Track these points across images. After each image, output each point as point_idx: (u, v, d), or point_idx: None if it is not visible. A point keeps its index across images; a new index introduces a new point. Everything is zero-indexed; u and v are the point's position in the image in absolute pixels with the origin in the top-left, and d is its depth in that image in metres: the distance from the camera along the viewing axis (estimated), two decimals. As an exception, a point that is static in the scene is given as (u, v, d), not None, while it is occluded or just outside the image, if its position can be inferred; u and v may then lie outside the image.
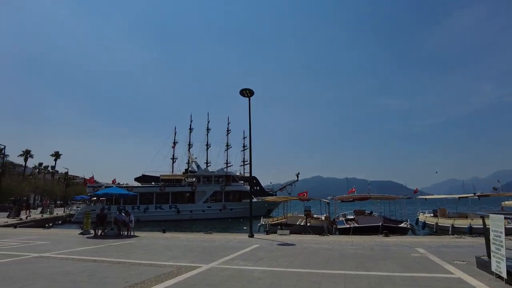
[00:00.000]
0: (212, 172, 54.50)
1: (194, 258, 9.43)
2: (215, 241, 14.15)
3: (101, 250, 11.24)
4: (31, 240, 14.26)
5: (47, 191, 71.70)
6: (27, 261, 8.85)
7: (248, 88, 16.54)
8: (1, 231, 19.78)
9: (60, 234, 17.57)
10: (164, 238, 15.55)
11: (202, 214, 48.48)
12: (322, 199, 27.21)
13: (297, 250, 11.13)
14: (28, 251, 10.81)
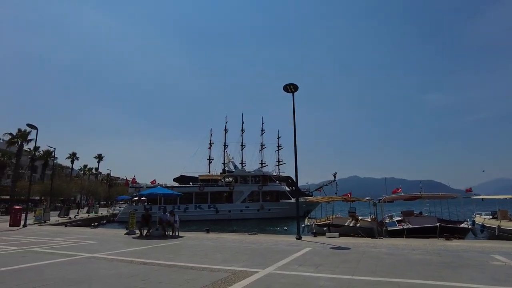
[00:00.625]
0: (249, 172, 54.16)
1: (247, 262, 8.82)
2: (262, 243, 13.51)
3: (150, 251, 10.96)
4: (81, 240, 14.40)
5: (91, 191, 74.95)
6: (79, 262, 8.67)
7: (292, 83, 15.76)
8: (54, 229, 20.47)
9: (107, 234, 17.76)
10: (209, 238, 15.17)
11: (240, 214, 48.28)
12: (370, 199, 25.80)
13: (355, 255, 10.20)
14: (79, 250, 10.75)
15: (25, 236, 15.78)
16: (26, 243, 12.83)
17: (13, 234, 16.97)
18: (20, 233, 17.84)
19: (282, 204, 50.74)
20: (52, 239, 14.65)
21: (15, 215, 22.69)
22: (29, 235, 16.33)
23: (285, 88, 15.97)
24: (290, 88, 15.88)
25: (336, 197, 26.97)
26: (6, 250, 10.85)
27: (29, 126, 23.28)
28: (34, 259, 9.08)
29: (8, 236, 15.86)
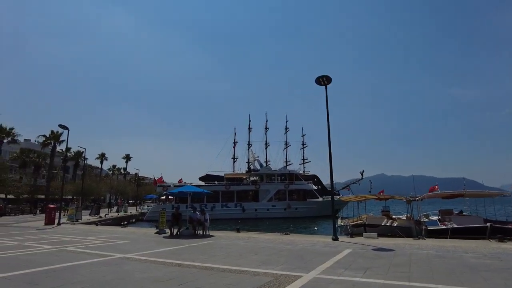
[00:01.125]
0: (275, 170, 53.54)
1: (287, 265, 8.23)
2: (297, 243, 12.87)
3: (182, 251, 10.59)
4: (112, 239, 14.30)
5: (120, 191, 76.74)
6: (113, 263, 8.38)
7: (325, 75, 14.99)
8: (86, 228, 20.68)
9: (137, 233, 17.68)
10: (241, 238, 14.69)
11: (267, 213, 47.78)
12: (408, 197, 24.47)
13: (402, 257, 9.38)
14: (111, 250, 10.54)
15: (59, 235, 15.92)
16: (61, 242, 12.82)
17: (48, 232, 17.21)
18: (55, 231, 18.09)
19: (310, 203, 49.80)
20: (84, 238, 14.65)
21: (49, 214, 23.21)
22: (63, 234, 16.48)
23: (317, 81, 15.23)
24: (322, 81, 15.13)
25: (370, 195, 25.86)
26: (42, 249, 10.80)
27: (61, 126, 23.73)
28: (69, 258, 8.89)
29: (44, 234, 16.06)
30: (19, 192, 46.75)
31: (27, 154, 56.49)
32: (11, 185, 40.78)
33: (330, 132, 15.17)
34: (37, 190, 51.02)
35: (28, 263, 8.20)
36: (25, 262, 8.27)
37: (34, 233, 16.96)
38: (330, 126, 15.23)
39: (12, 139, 50.42)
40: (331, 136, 15.13)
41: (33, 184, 50.45)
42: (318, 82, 15.28)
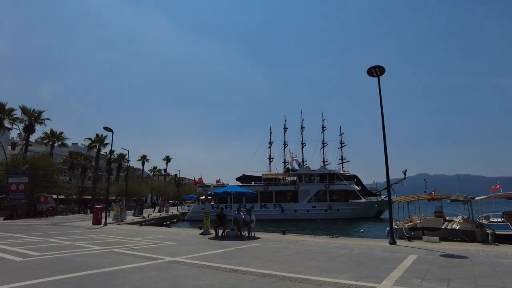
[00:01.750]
0: (314, 170, 52.13)
1: (352, 273, 7.35)
2: (352, 247, 11.88)
3: (232, 255, 10.01)
4: (159, 240, 14.08)
5: (161, 191, 78.70)
6: (163, 267, 7.94)
7: (378, 66, 13.84)
8: (131, 228, 20.91)
9: (182, 234, 17.45)
10: (289, 241, 13.91)
11: (307, 214, 46.54)
12: (468, 197, 22.43)
13: (482, 267, 8.15)
14: (159, 253, 10.18)
15: (107, 235, 16.02)
16: (109, 243, 12.76)
17: (96, 233, 17.45)
18: (102, 231, 18.34)
19: (352, 204, 47.92)
20: (131, 238, 14.57)
21: (96, 214, 23.79)
22: (110, 234, 16.60)
23: (369, 72, 14.10)
24: (375, 71, 13.97)
25: (424, 195, 24.02)
26: (92, 250, 10.70)
27: (106, 129, 24.25)
28: (118, 261, 8.60)
29: (93, 234, 16.26)
30: (68, 193, 49.16)
31: (75, 157, 59.45)
32: (61, 186, 42.86)
33: (383, 128, 13.98)
34: (84, 191, 53.45)
35: (79, 265, 7.97)
36: (77, 264, 8.05)
37: (83, 233, 17.26)
38: (383, 119, 14.04)
39: (62, 143, 53.13)
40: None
41: (81, 185, 52.92)
42: (370, 73, 14.15)
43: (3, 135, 48.54)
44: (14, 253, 9.69)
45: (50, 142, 51.42)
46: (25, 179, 30.63)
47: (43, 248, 11.06)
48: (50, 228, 20.19)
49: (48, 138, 50.80)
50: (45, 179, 35.31)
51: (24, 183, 30.45)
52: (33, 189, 33.63)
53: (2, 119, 39.37)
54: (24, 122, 41.86)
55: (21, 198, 30.58)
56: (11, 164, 35.78)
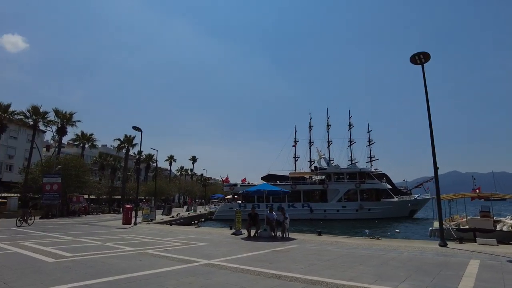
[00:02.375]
0: (344, 168, 50.63)
1: (413, 281, 6.41)
2: (399, 250, 10.85)
3: (271, 258, 9.27)
4: (191, 240, 13.57)
5: (188, 191, 79.32)
6: (200, 271, 7.31)
7: (422, 52, 12.68)
8: (161, 228, 20.63)
9: (213, 234, 16.91)
10: (328, 242, 13.02)
11: (336, 214, 45.17)
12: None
13: None
14: (194, 255, 9.60)
15: (138, 235, 15.73)
16: (141, 243, 12.37)
17: (127, 232, 17.24)
18: (133, 231, 18.14)
19: (384, 204, 46.10)
20: (162, 239, 14.16)
21: (126, 214, 23.78)
22: (141, 234, 16.31)
23: (412, 59, 12.96)
24: (419, 59, 12.83)
25: (470, 193, 22.36)
26: (124, 251, 10.28)
27: (135, 128, 24.21)
28: (150, 264, 8.06)
29: (124, 234, 16.03)
30: (99, 193, 50.23)
31: (104, 158, 60.85)
32: (92, 186, 43.77)
33: (429, 120, 12.80)
34: (114, 191, 54.49)
35: (111, 268, 7.48)
36: (109, 267, 7.57)
37: (114, 233, 17.08)
38: (430, 112, 12.86)
39: (92, 144, 54.45)
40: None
41: (111, 186, 53.99)
42: (413, 60, 13.01)
43: (38, 137, 50.38)
44: (46, 254, 9.40)
45: (81, 144, 52.82)
46: (58, 179, 31.31)
47: (75, 248, 10.77)
48: (82, 228, 20.27)
49: (79, 139, 52.18)
50: (77, 179, 36.07)
51: (58, 183, 31.12)
52: (65, 189, 34.39)
53: (37, 121, 40.71)
54: (57, 124, 43.12)
55: (55, 198, 31.28)
56: (46, 165, 36.80)
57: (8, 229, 18.28)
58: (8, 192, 43.85)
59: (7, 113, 36.61)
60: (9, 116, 36.96)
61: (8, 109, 36.70)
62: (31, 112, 40.01)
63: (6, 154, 52.36)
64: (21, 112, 39.01)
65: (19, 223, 20.91)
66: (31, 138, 41.52)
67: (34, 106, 40.08)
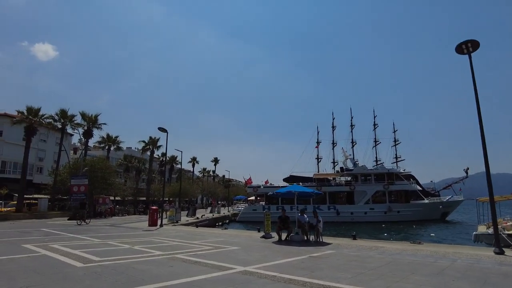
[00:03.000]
0: (371, 169, 49.02)
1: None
2: (450, 257, 9.84)
3: (310, 265, 8.53)
4: (220, 244, 12.99)
5: (211, 192, 79.41)
6: (238, 280, 6.68)
7: (470, 40, 11.58)
8: (188, 230, 20.26)
9: (242, 237, 16.28)
10: (366, 247, 12.11)
11: (364, 217, 43.64)
12: None
13: None
14: (227, 260, 9.00)
15: (165, 238, 15.33)
16: (170, 247, 11.91)
17: (154, 235, 16.91)
18: (159, 233, 17.81)
19: (414, 206, 44.19)
20: (191, 242, 13.66)
21: (152, 215, 23.58)
22: (168, 237, 15.91)
23: (458, 49, 11.88)
24: (466, 47, 11.72)
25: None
26: (153, 255, 9.81)
27: (160, 129, 24.03)
28: (183, 271, 7.51)
29: (151, 237, 15.68)
30: (124, 194, 50.85)
31: (129, 160, 61.73)
32: (118, 188, 44.29)
33: (478, 115, 11.66)
34: (139, 193, 55.08)
35: (142, 274, 6.97)
36: (140, 274, 7.06)
37: (141, 235, 16.79)
38: (479, 106, 11.71)
39: (117, 146, 55.31)
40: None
41: (136, 187, 54.61)
42: (459, 50, 11.94)
43: (66, 140, 51.68)
44: (75, 257, 9.04)
45: (107, 146, 53.75)
46: (85, 180, 31.66)
47: (103, 252, 10.41)
48: (109, 230, 20.16)
49: (105, 142, 53.12)
50: (103, 181, 36.48)
51: (84, 185, 31.46)
52: (92, 191, 34.81)
53: (64, 124, 41.64)
54: (83, 127, 43.98)
55: (82, 199, 31.65)
56: (73, 167, 37.45)
57: (51, 230, 18.37)
58: (38, 193, 45.09)
59: (37, 116, 37.51)
60: (39, 119, 37.84)
61: (38, 113, 37.61)
62: (59, 116, 40.98)
63: (37, 156, 53.99)
64: (50, 116, 39.99)
65: (79, 222, 23.83)
66: (59, 141, 42.52)
67: (62, 110, 41.03)
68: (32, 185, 48.69)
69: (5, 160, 49.39)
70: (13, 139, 47.81)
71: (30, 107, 37.12)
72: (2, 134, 49.69)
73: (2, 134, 49.70)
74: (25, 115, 36.53)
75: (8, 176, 48.27)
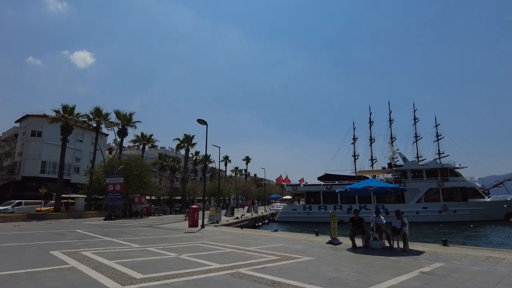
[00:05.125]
0: (423, 165, 44.79)
1: None
2: None
3: None
4: (283, 251, 10.46)
5: (245, 191, 77.51)
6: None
7: None
8: (234, 232, 17.68)
9: (302, 242, 13.65)
10: (477, 258, 9.15)
11: (416, 217, 39.48)
12: None
13: None
14: (315, 280, 6.45)
15: (213, 243, 13.04)
16: (224, 256, 9.58)
17: (198, 238, 14.71)
18: (204, 236, 15.61)
19: (473, 205, 39.58)
20: (246, 248, 11.25)
21: (193, 215, 21.57)
22: (215, 241, 13.62)
23: None
24: None
25: None
26: (210, 269, 7.46)
27: (199, 121, 22.02)
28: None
29: (196, 241, 13.44)
30: (160, 194, 49.82)
31: (164, 159, 60.96)
32: (154, 186, 43.17)
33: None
34: (174, 192, 53.99)
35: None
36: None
37: (184, 239, 14.65)
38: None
39: (152, 145, 54.55)
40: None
41: (171, 186, 53.51)
42: None
43: (101, 139, 51.49)
44: (110, 273, 6.87)
45: (141, 145, 53.08)
46: (120, 179, 30.40)
47: (145, 264, 8.20)
48: (147, 231, 18.28)
49: (139, 140, 52.44)
50: (139, 179, 35.22)
51: (120, 183, 30.20)
52: (128, 190, 33.58)
53: (99, 123, 41.00)
54: (118, 125, 43.25)
55: (118, 199, 30.41)
56: (108, 165, 36.53)
57: (77, 232, 16.78)
58: (76, 193, 44.92)
59: (72, 115, 36.96)
60: (74, 117, 37.29)
61: (73, 111, 37.06)
62: (94, 114, 40.39)
63: (74, 156, 54.29)
64: (85, 115, 39.44)
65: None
66: (94, 142, 42.01)
67: (96, 108, 40.41)
68: (69, 184, 48.77)
69: (45, 160, 49.91)
70: (52, 139, 48.11)
71: (65, 105, 36.61)
72: (42, 135, 50.26)
73: (41, 135, 50.28)
74: (61, 113, 36.02)
75: (48, 176, 48.67)
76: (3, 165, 55.99)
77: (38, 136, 50.09)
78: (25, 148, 49.80)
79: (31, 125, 50.33)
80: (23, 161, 49.54)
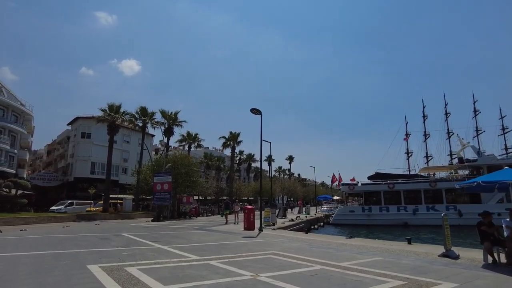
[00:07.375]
0: (503, 159, 39.06)
1: None
2: None
3: None
4: (394, 271, 7.35)
5: (291, 191, 74.46)
6: None
7: None
8: (300, 237, 14.55)
9: (403, 254, 10.37)
10: None
11: (496, 219, 34.19)
12: None
13: None
14: None
15: (288, 254, 10.23)
16: (326, 281, 6.75)
17: (264, 246, 12.01)
18: (268, 243, 12.88)
19: None
20: (338, 263, 8.32)
21: (248, 217, 19.06)
22: (288, 251, 10.80)
23: None
24: None
25: None
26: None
27: (253, 111, 19.56)
28: None
29: (265, 250, 10.72)
30: (207, 193, 48.33)
31: (209, 158, 59.76)
32: (202, 186, 41.66)
33: None
34: (221, 191, 52.36)
35: None
36: None
37: (248, 247, 11.99)
38: None
39: (198, 144, 53.42)
40: None
41: (217, 186, 51.95)
42: None
43: (148, 140, 51.18)
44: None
45: (187, 144, 52.08)
46: (168, 178, 28.79)
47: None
48: (200, 235, 15.97)
49: (185, 140, 51.50)
50: (187, 178, 33.60)
51: (168, 183, 28.58)
52: (175, 189, 32.05)
53: (145, 122, 40.20)
54: (164, 125, 42.32)
55: (166, 198, 28.84)
56: (155, 164, 35.39)
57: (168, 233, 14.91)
58: (123, 193, 44.68)
59: (119, 113, 36.33)
60: (121, 116, 36.66)
61: (119, 110, 36.44)
62: (140, 114, 39.67)
63: (122, 157, 54.59)
64: (131, 114, 38.78)
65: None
66: (141, 142, 41.39)
67: (142, 107, 39.67)
68: (117, 185, 48.80)
69: (94, 162, 50.51)
70: (101, 141, 48.46)
71: (111, 104, 36.08)
72: (91, 136, 50.96)
73: (90, 136, 50.98)
74: (107, 112, 35.49)
75: (97, 176, 49.13)
76: (58, 166, 57.88)
77: (88, 137, 50.89)
78: (76, 149, 50.80)
79: (80, 127, 51.26)
80: (74, 163, 50.52)
